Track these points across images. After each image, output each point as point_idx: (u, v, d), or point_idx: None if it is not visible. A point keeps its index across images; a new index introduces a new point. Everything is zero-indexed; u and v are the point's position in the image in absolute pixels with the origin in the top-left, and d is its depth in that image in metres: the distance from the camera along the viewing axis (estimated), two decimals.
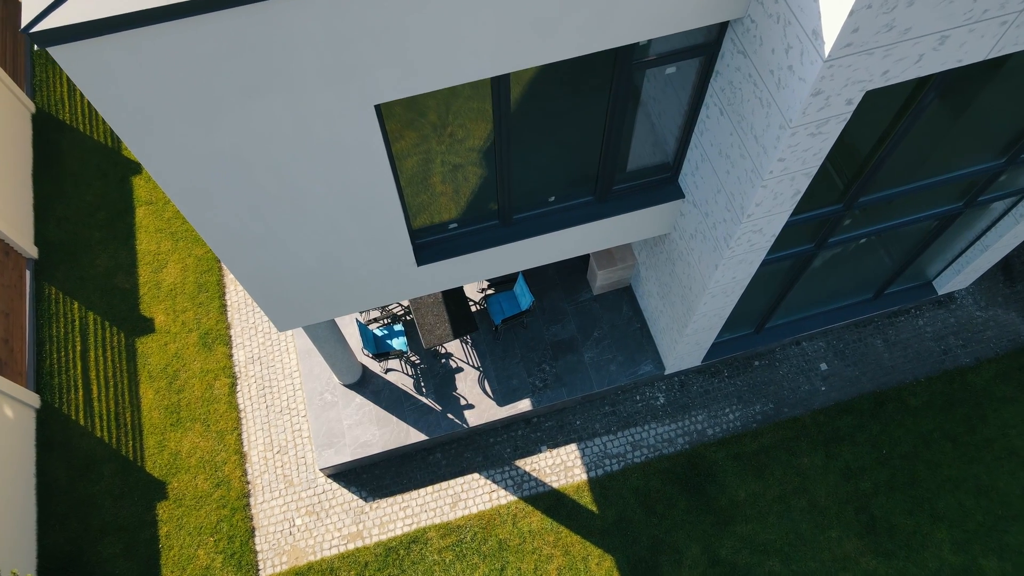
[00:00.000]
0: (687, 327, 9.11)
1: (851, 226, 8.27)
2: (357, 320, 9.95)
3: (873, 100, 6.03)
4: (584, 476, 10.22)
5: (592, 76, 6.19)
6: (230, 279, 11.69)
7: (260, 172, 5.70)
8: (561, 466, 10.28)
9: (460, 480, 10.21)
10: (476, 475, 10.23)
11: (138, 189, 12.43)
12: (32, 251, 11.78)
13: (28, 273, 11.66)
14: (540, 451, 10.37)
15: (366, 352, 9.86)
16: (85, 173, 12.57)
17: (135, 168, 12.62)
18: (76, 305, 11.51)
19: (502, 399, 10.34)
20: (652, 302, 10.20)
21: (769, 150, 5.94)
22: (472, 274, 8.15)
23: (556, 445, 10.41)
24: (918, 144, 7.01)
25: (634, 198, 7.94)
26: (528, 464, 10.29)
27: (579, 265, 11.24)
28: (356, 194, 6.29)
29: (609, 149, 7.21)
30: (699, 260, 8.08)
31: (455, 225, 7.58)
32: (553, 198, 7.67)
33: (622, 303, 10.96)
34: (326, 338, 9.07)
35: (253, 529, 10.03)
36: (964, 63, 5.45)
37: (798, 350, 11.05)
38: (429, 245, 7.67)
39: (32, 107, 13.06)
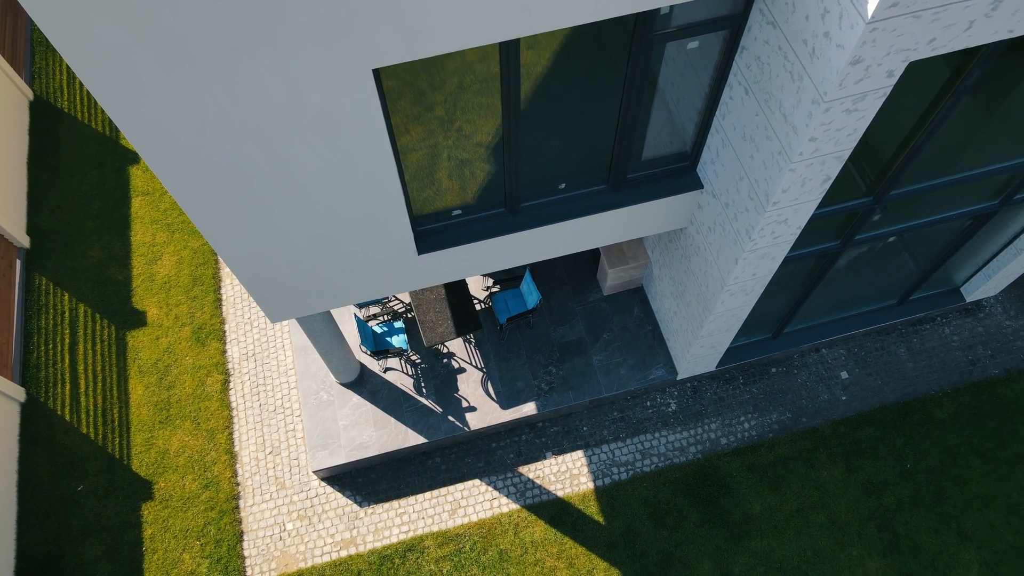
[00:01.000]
0: (703, 328, 8.62)
1: (879, 223, 7.78)
2: (356, 316, 9.51)
3: (912, 78, 5.57)
4: (590, 485, 9.70)
5: (609, 51, 5.75)
6: (226, 272, 11.28)
7: (248, 141, 5.28)
8: (566, 474, 9.77)
9: (460, 486, 9.71)
10: (477, 481, 9.73)
11: (135, 179, 12.06)
12: (24, 240, 11.40)
13: (18, 263, 11.28)
14: (545, 457, 9.87)
15: (364, 349, 9.41)
16: (82, 162, 12.21)
17: (133, 158, 12.25)
18: (67, 296, 11.11)
19: (506, 402, 9.85)
20: (665, 303, 9.72)
21: (800, 129, 5.48)
22: (476, 266, 7.69)
23: (562, 452, 9.91)
24: (956, 133, 6.54)
25: (649, 188, 7.49)
26: (532, 471, 9.78)
27: (588, 264, 10.78)
28: (353, 171, 5.86)
29: (624, 133, 6.76)
30: (717, 255, 7.61)
31: (459, 212, 7.13)
32: (564, 185, 7.22)
33: (633, 304, 10.48)
34: (322, 332, 8.62)
35: (242, 533, 9.55)
36: (1015, 34, 4.98)
37: (817, 357, 10.53)
38: (431, 233, 7.22)
39: (30, 94, 12.74)
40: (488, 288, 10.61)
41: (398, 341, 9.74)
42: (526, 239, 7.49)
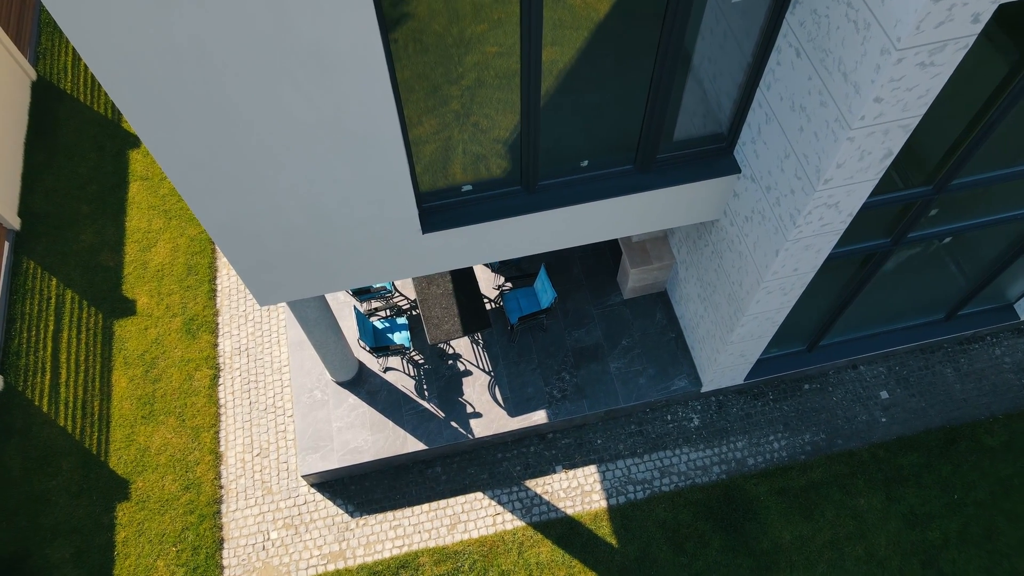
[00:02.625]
0: (733, 333, 7.82)
1: (936, 219, 7.00)
2: (355, 308, 8.80)
3: (992, 43, 4.83)
4: (603, 503, 8.86)
5: (643, 8, 5.08)
6: (223, 262, 10.63)
7: (231, 83, 4.62)
8: (577, 490, 8.94)
9: (461, 499, 8.90)
10: (479, 494, 8.92)
11: (134, 163, 11.50)
12: (14, 222, 10.84)
13: (7, 245, 10.70)
14: (554, 471, 9.05)
15: (363, 344, 8.69)
16: (80, 145, 11.69)
17: (133, 142, 11.72)
18: (54, 282, 10.51)
19: (514, 409, 9.07)
20: (691, 307, 8.93)
21: (863, 88, 4.74)
22: (487, 251, 6.98)
23: (573, 466, 9.08)
24: None
25: (681, 170, 6.76)
26: (540, 485, 8.96)
27: (608, 265, 10.03)
28: (350, 126, 5.18)
29: (656, 105, 6.06)
30: (754, 248, 6.85)
31: (469, 188, 6.44)
32: (587, 163, 6.52)
33: (655, 310, 9.70)
34: (317, 323, 7.91)
35: (222, 540, 8.77)
36: None
37: (855, 375, 9.67)
38: (437, 209, 6.52)
39: (33, 75, 12.28)
40: (499, 287, 9.88)
41: (400, 338, 9.01)
42: (543, 222, 6.77)
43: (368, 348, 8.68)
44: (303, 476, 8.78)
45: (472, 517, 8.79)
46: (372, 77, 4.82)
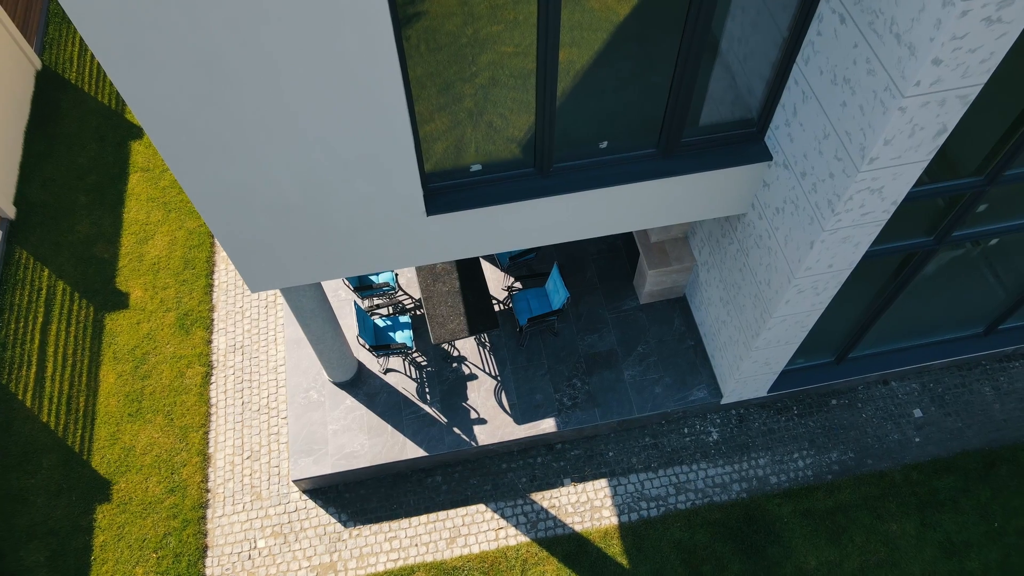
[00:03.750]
0: (758, 337, 7.26)
1: (984, 216, 6.45)
2: (355, 304, 8.31)
3: None
4: (614, 520, 8.25)
5: None
6: (221, 256, 10.20)
7: (215, 24, 4.18)
8: (587, 505, 8.34)
9: (462, 511, 8.32)
10: (482, 507, 8.34)
11: (136, 155, 11.14)
12: (9, 211, 10.48)
13: (0, 233, 10.33)
14: (562, 484, 8.46)
15: (362, 342, 8.18)
16: (82, 135, 11.35)
17: (136, 133, 11.37)
18: (46, 272, 10.10)
19: (521, 416, 8.51)
20: (712, 311, 8.38)
21: (920, 48, 4.24)
22: (495, 239, 6.49)
23: (583, 479, 8.49)
24: None
25: (708, 156, 6.27)
26: (546, 499, 8.37)
27: (624, 268, 9.51)
28: (351, 88, 4.73)
29: (682, 84, 5.59)
30: (786, 242, 6.32)
31: (478, 168, 5.96)
32: (606, 144, 6.03)
33: (673, 316, 9.15)
34: (314, 315, 7.43)
35: (205, 548, 8.22)
36: None
37: (886, 391, 9.05)
38: (444, 191, 6.05)
39: (38, 64, 12.00)
40: (509, 287, 9.37)
41: (402, 337, 8.50)
42: (556, 209, 6.28)
43: (368, 346, 8.17)
44: (294, 481, 8.24)
45: (473, 531, 8.21)
46: (373, 29, 4.38)
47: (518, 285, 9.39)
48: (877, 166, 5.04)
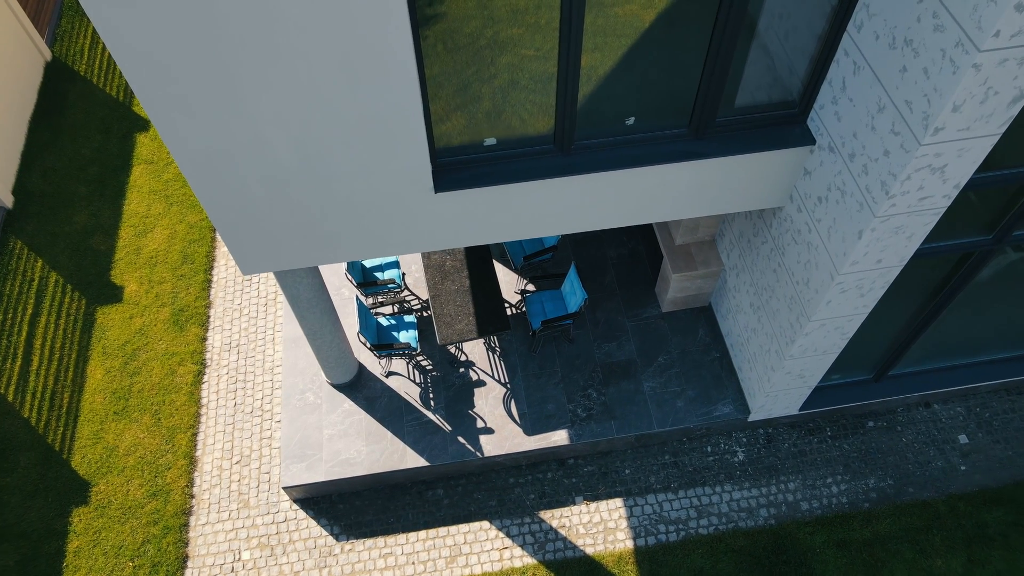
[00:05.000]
0: (793, 344, 6.63)
1: None
2: (357, 299, 7.77)
3: None
4: (630, 544, 7.56)
5: None
6: (222, 252, 9.73)
7: None
8: (600, 526, 7.66)
9: (464, 528, 7.66)
10: (486, 524, 7.68)
11: (140, 147, 10.77)
12: (6, 199, 10.10)
13: None
14: (574, 503, 7.79)
15: (363, 340, 7.63)
16: (87, 126, 11.01)
17: (142, 125, 11.01)
18: (40, 263, 9.66)
19: (531, 427, 7.89)
20: (741, 319, 7.76)
21: None
22: (509, 224, 5.95)
23: (596, 497, 7.82)
24: None
25: (744, 139, 5.72)
26: (556, 518, 7.70)
27: (646, 274, 8.93)
28: (351, 31, 4.25)
29: (718, 60, 5.07)
30: (829, 234, 5.73)
31: (493, 142, 5.45)
32: (632, 120, 5.51)
33: (697, 326, 8.53)
34: (311, 305, 6.89)
35: (186, 558, 7.60)
36: None
37: (928, 413, 8.35)
38: (454, 167, 5.54)
39: (48, 55, 11.74)
40: (522, 291, 8.81)
41: (406, 336, 7.93)
42: (577, 191, 5.74)
43: (369, 345, 7.62)
44: (285, 488, 7.63)
45: (476, 550, 7.54)
46: None
47: (531, 288, 8.83)
48: (942, 138, 4.46)
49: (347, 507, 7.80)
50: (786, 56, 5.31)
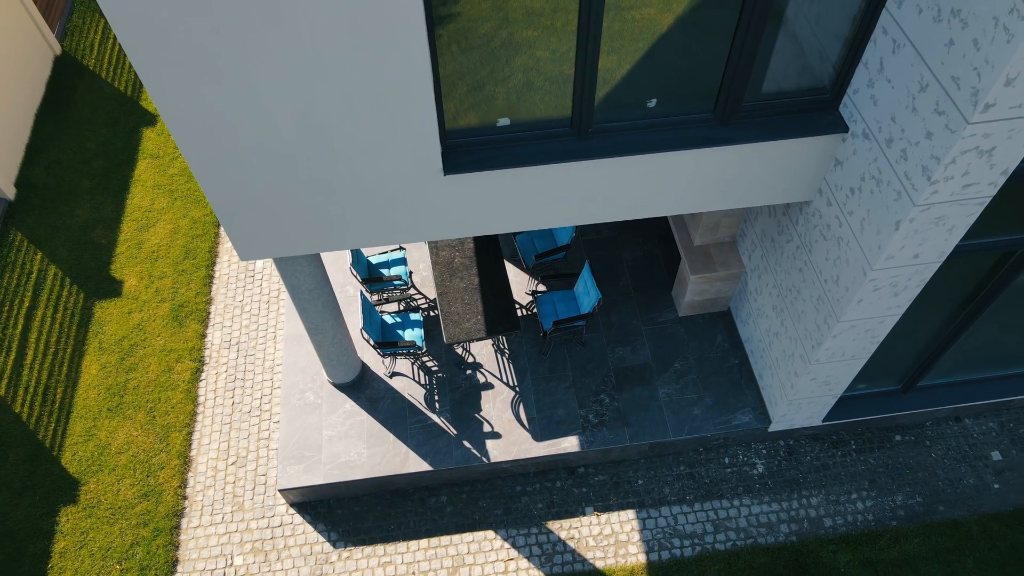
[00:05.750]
0: (820, 348, 6.27)
1: None
2: (361, 294, 7.47)
3: None
4: (642, 558, 7.16)
5: None
6: (225, 248, 9.46)
7: None
8: (611, 538, 7.26)
9: (468, 537, 7.29)
10: (491, 533, 7.30)
11: (146, 141, 10.57)
12: (8, 191, 9.90)
13: None
14: (584, 513, 7.41)
15: (366, 336, 7.31)
16: (94, 120, 10.83)
17: (149, 120, 10.82)
18: (39, 256, 9.43)
19: (540, 433, 7.52)
20: (763, 324, 7.40)
21: None
22: (521, 212, 5.64)
23: (607, 508, 7.43)
24: None
25: (772, 125, 5.41)
26: (565, 529, 7.31)
27: (662, 277, 8.59)
28: (363, 1, 3.98)
29: (747, 37, 4.78)
30: (862, 227, 5.38)
31: (506, 122, 5.16)
32: (655, 102, 5.21)
33: (716, 331, 8.17)
34: (312, 297, 6.59)
35: (176, 562, 7.25)
36: None
37: (958, 428, 7.93)
38: (465, 148, 5.24)
39: (58, 49, 11.61)
40: (533, 291, 8.48)
41: (411, 335, 7.61)
42: (594, 177, 5.43)
43: (373, 343, 7.30)
44: (281, 491, 7.29)
45: (479, 560, 7.15)
46: None
47: (543, 288, 8.50)
48: (992, 116, 4.13)
49: (346, 512, 7.44)
50: (818, 39, 5.01)
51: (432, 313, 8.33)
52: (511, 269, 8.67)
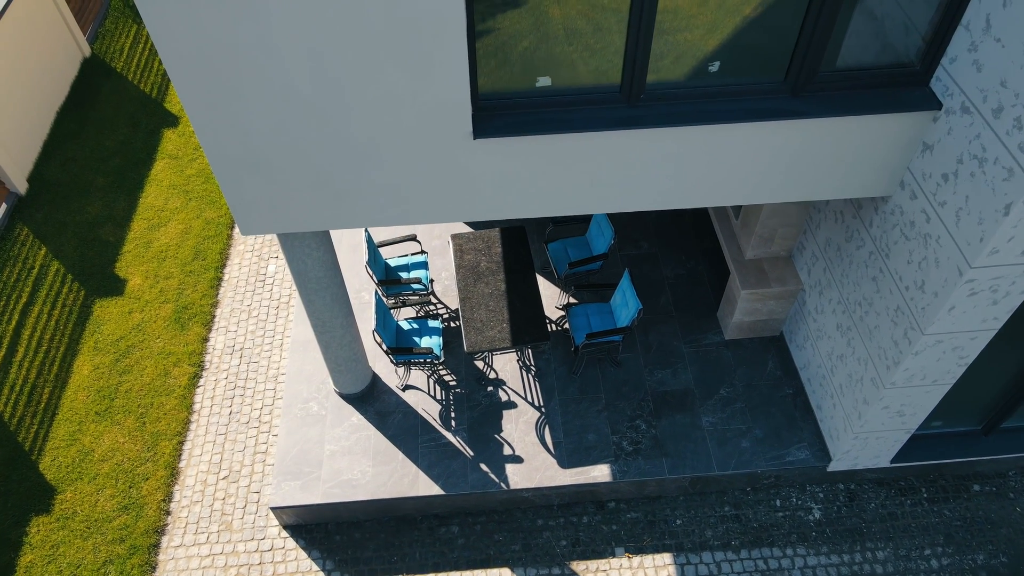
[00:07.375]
0: (897, 368, 5.41)
1: None
2: (376, 293, 6.78)
3: None
4: None
5: None
6: (236, 251, 8.89)
7: None
8: None
9: (480, 574, 6.39)
10: (507, 571, 6.40)
11: (166, 142, 10.17)
12: (20, 186, 9.50)
13: (3, 207, 9.30)
14: (613, 555, 6.49)
15: (378, 339, 6.59)
16: (115, 120, 10.49)
17: (171, 121, 10.45)
18: (43, 251, 8.93)
19: (567, 458, 6.68)
20: (824, 346, 6.55)
21: None
22: (559, 192, 4.96)
23: (640, 550, 6.51)
24: None
25: (852, 100, 4.70)
26: (591, 571, 6.39)
27: (707, 296, 7.80)
28: None
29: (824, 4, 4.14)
30: (958, 219, 4.60)
31: (546, 82, 4.52)
32: (716, 66, 4.55)
33: (767, 357, 7.33)
34: (319, 287, 5.91)
35: None
36: None
37: None
38: (498, 110, 4.61)
39: (87, 51, 11.40)
40: (565, 305, 7.73)
41: (428, 342, 6.88)
42: (643, 151, 4.75)
43: (385, 348, 6.57)
44: (273, 509, 6.49)
45: None
46: None
47: (575, 301, 7.76)
48: None
49: (345, 539, 6.60)
50: (903, 8, 4.34)
51: (453, 324, 7.61)
52: (541, 283, 7.96)
